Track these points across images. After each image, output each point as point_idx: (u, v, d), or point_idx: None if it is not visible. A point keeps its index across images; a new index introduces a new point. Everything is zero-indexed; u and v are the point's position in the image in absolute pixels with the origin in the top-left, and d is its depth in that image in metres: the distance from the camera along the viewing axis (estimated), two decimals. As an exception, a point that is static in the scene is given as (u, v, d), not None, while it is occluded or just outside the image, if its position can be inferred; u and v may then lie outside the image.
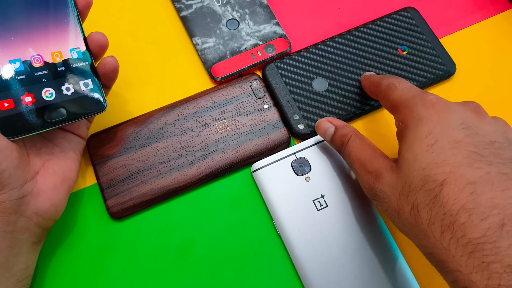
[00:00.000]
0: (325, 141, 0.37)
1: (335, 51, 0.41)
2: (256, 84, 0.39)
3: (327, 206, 0.34)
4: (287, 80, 0.40)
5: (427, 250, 0.25)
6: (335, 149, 0.34)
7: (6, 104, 0.28)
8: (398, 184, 0.27)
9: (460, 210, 0.23)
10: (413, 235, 0.26)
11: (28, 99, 0.29)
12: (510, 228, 0.22)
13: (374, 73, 0.35)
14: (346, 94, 0.39)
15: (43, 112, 0.29)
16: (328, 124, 0.34)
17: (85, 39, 0.31)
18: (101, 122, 0.38)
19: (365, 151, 0.31)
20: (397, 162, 0.28)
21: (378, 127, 0.39)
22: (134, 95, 0.40)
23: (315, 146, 0.37)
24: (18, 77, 0.29)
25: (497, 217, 0.23)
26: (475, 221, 0.23)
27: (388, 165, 0.28)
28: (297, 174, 0.36)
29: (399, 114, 0.29)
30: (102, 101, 0.31)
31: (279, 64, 0.40)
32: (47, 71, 0.30)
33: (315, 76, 0.40)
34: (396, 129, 0.31)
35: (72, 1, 0.32)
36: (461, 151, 0.25)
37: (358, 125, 0.39)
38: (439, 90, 0.41)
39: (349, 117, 0.39)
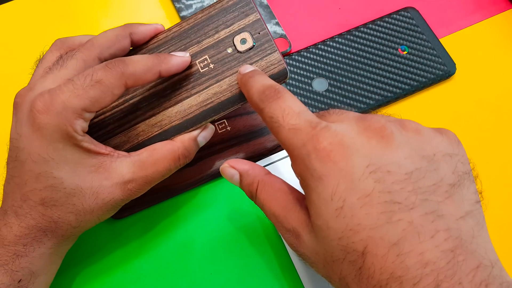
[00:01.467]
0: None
1: (335, 51, 0.41)
2: (256, 84, 0.39)
3: (327, 206, 0.34)
4: (287, 80, 0.40)
5: None
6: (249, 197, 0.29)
7: None
8: (319, 252, 0.23)
9: (389, 279, 0.20)
10: None
11: None
12: (446, 285, 0.19)
13: (251, 71, 0.28)
14: (346, 94, 0.39)
15: None
16: (231, 170, 0.29)
17: None
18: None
19: (277, 202, 0.26)
20: (311, 223, 0.23)
21: (378, 127, 0.39)
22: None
23: (315, 146, 0.37)
24: None
25: (430, 277, 0.19)
26: None
27: (304, 223, 0.24)
28: (297, 174, 0.36)
29: (294, 165, 0.24)
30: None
31: (279, 64, 0.40)
32: None
33: (315, 76, 0.40)
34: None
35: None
36: (375, 206, 0.21)
37: (358, 125, 0.39)
38: (439, 90, 0.41)
39: (349, 117, 0.39)
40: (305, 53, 0.41)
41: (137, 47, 0.32)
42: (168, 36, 0.31)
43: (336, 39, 0.41)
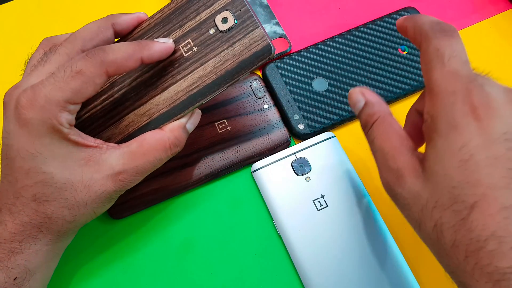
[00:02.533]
0: (325, 141, 0.37)
1: (335, 51, 0.41)
2: (256, 84, 0.39)
3: (327, 206, 0.34)
4: (287, 80, 0.40)
5: (449, 269, 0.24)
6: (361, 128, 0.29)
7: None
8: (422, 196, 0.24)
9: (490, 237, 0.21)
10: (434, 250, 0.24)
11: None
12: None
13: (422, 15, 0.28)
14: (346, 94, 0.39)
15: None
16: (359, 95, 0.29)
17: None
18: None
19: (390, 141, 0.26)
20: (423, 167, 0.24)
21: (378, 127, 0.39)
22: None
23: (315, 146, 0.37)
24: None
25: None
26: (505, 250, 0.21)
27: (413, 168, 0.25)
28: (297, 174, 0.36)
29: (431, 105, 0.24)
30: None
31: (279, 64, 0.40)
32: None
33: (315, 76, 0.40)
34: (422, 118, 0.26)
35: None
36: (499, 169, 0.22)
37: (359, 125, 0.39)
38: (439, 90, 0.41)
39: (350, 117, 0.39)
40: (305, 53, 0.41)
41: (122, 38, 0.32)
42: (151, 24, 0.31)
43: (336, 39, 0.41)
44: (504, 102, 0.23)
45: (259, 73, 0.41)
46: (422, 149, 0.26)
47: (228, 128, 0.38)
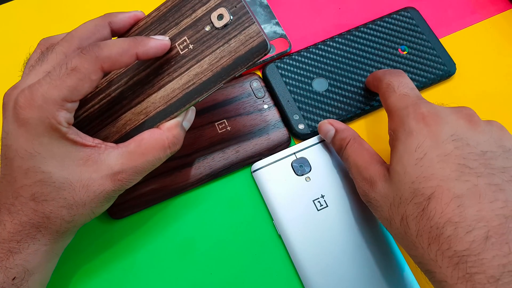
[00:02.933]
0: (325, 141, 0.37)
1: (335, 51, 0.41)
2: (256, 84, 0.39)
3: (327, 206, 0.34)
4: (287, 80, 0.40)
5: (417, 259, 0.26)
6: (335, 151, 0.35)
7: None
8: (389, 195, 0.28)
9: (446, 223, 0.24)
10: (403, 244, 0.27)
11: None
12: (494, 240, 0.23)
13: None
14: (346, 94, 0.39)
15: None
16: (328, 126, 0.35)
17: None
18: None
19: (362, 157, 0.31)
20: (389, 172, 0.28)
21: (378, 127, 0.39)
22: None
23: (315, 146, 0.37)
24: None
25: (482, 230, 0.23)
26: (461, 234, 0.24)
27: (382, 174, 0.29)
28: (297, 174, 0.36)
29: (391, 122, 0.30)
30: None
31: (279, 64, 0.40)
32: None
33: (315, 76, 0.40)
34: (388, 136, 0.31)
35: None
36: (450, 164, 0.26)
37: (359, 125, 0.39)
38: (439, 90, 0.41)
39: (349, 117, 0.39)
40: (305, 53, 0.41)
41: (119, 37, 0.32)
42: (147, 22, 0.31)
43: (336, 39, 0.41)
44: (449, 112, 0.28)
45: (259, 73, 0.41)
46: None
47: (228, 128, 0.38)
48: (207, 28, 0.29)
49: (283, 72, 0.40)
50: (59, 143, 0.27)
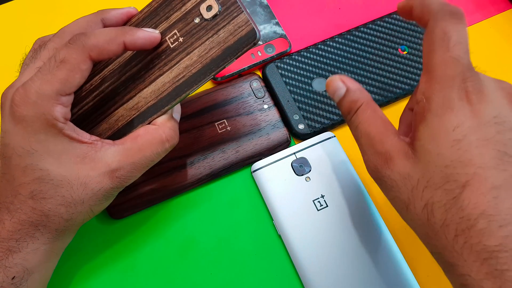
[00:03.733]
0: (325, 141, 0.37)
1: (335, 51, 0.41)
2: (256, 84, 0.39)
3: (327, 206, 0.34)
4: (287, 80, 0.40)
5: (436, 249, 0.24)
6: (342, 114, 0.30)
7: None
8: (413, 176, 0.24)
9: (480, 215, 0.22)
10: (421, 232, 0.25)
11: None
12: None
13: None
14: (346, 94, 0.39)
15: None
16: (339, 83, 0.29)
17: None
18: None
19: (376, 126, 0.27)
20: (413, 148, 0.25)
21: (378, 127, 0.39)
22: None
23: (315, 146, 0.37)
24: None
25: None
26: (493, 228, 0.22)
27: (402, 150, 0.25)
28: (297, 174, 0.36)
29: (428, 85, 0.25)
30: None
31: (279, 64, 0.40)
32: None
33: (315, 76, 0.40)
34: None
35: None
36: (489, 150, 0.23)
37: (358, 125, 0.39)
38: (439, 90, 0.41)
39: (349, 117, 0.39)
40: (305, 53, 0.41)
41: None
42: (139, 18, 0.31)
43: (336, 39, 0.41)
44: (494, 89, 0.25)
45: (259, 73, 0.41)
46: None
47: (228, 128, 0.38)
48: (197, 20, 0.29)
49: (283, 72, 0.40)
50: (55, 139, 0.27)
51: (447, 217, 0.23)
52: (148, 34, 0.29)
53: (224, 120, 0.38)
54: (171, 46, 0.30)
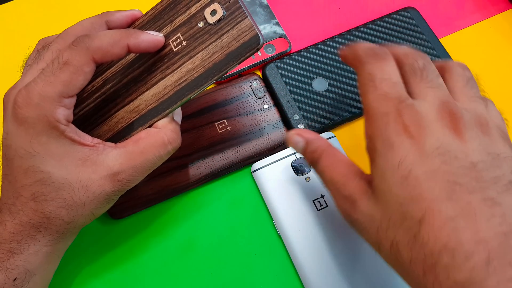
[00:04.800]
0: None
1: (335, 51, 0.41)
2: (256, 84, 0.39)
3: (327, 206, 0.34)
4: (287, 80, 0.40)
5: (413, 286, 0.24)
6: (308, 164, 0.31)
7: None
8: (375, 217, 0.24)
9: (442, 250, 0.21)
10: (396, 269, 0.24)
11: None
12: (496, 263, 0.21)
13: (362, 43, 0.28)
14: (346, 94, 0.39)
15: None
16: (297, 138, 0.30)
17: None
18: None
19: (337, 170, 0.27)
20: (371, 188, 0.25)
21: (378, 127, 0.39)
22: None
23: (315, 146, 0.37)
24: None
25: (482, 254, 0.21)
26: (459, 262, 0.21)
27: (363, 191, 0.25)
28: (297, 174, 0.36)
29: (368, 126, 0.26)
30: None
31: (279, 64, 0.40)
32: None
33: (315, 76, 0.40)
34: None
35: None
36: (438, 182, 0.23)
37: (359, 125, 0.39)
38: (439, 90, 0.41)
39: (349, 117, 0.39)
40: (305, 53, 0.41)
41: None
42: (144, 21, 0.31)
43: (336, 39, 0.41)
44: (434, 120, 0.24)
45: (259, 73, 0.41)
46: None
47: (228, 128, 0.38)
48: (201, 24, 0.29)
49: (283, 72, 0.40)
50: (57, 142, 0.27)
51: (412, 255, 0.22)
52: (152, 37, 0.29)
53: (224, 120, 0.38)
54: (174, 50, 0.30)
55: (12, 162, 0.27)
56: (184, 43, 0.29)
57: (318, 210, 0.34)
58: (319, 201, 0.35)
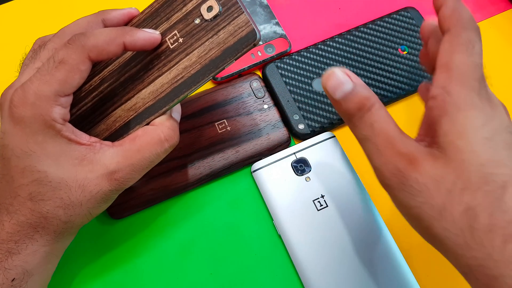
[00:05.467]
0: (325, 141, 0.37)
1: (335, 51, 0.41)
2: (256, 84, 0.39)
3: (327, 206, 0.34)
4: (287, 80, 0.40)
5: (476, 261, 0.21)
6: (344, 113, 0.26)
7: None
8: (446, 178, 0.22)
9: None
10: (457, 242, 0.22)
11: None
12: None
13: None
14: (346, 94, 0.39)
15: None
16: (344, 77, 0.25)
17: None
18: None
19: (392, 126, 0.24)
20: (439, 146, 0.23)
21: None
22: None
23: (315, 146, 0.37)
24: None
25: None
26: None
27: (426, 151, 0.23)
28: (297, 174, 0.36)
29: (449, 81, 0.23)
30: None
31: (279, 64, 0.40)
32: None
33: (315, 76, 0.40)
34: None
35: None
36: None
37: (358, 125, 0.39)
38: (439, 90, 0.41)
39: (349, 117, 0.39)
40: (305, 53, 0.41)
41: None
42: (141, 19, 0.31)
43: (336, 39, 0.41)
44: (498, 103, 0.24)
45: (259, 73, 0.41)
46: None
47: (228, 128, 0.38)
48: (197, 21, 0.29)
49: (283, 72, 0.40)
50: (53, 141, 0.27)
51: (491, 221, 0.21)
52: (149, 35, 0.29)
53: (224, 120, 0.38)
54: (171, 47, 0.30)
55: (9, 162, 0.27)
56: (180, 40, 0.29)
57: (318, 210, 0.34)
58: (319, 201, 0.35)
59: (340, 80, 0.25)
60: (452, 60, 0.23)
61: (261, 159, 0.37)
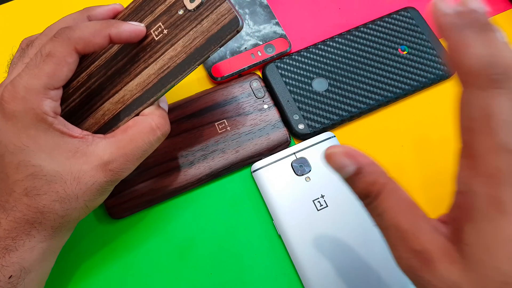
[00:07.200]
0: (325, 141, 0.37)
1: (335, 51, 0.41)
2: (256, 84, 0.39)
3: (327, 206, 0.34)
4: (287, 80, 0.40)
5: None
6: (355, 194, 0.24)
7: None
8: (462, 286, 0.20)
9: None
10: None
11: None
12: None
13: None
14: (346, 94, 0.39)
15: None
16: (344, 160, 0.23)
17: None
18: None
19: (405, 215, 0.22)
20: (461, 252, 0.20)
21: (379, 128, 0.39)
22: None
23: (315, 146, 0.37)
24: None
25: None
26: None
27: (444, 250, 0.21)
28: (297, 174, 0.36)
29: (471, 175, 0.20)
30: None
31: (279, 64, 0.40)
32: None
33: (315, 76, 0.40)
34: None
35: None
36: None
37: (359, 125, 0.39)
38: (439, 90, 0.41)
39: (350, 117, 0.39)
40: (305, 53, 0.41)
41: None
42: (125, 14, 0.31)
43: (336, 39, 0.41)
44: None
45: (259, 73, 0.41)
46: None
47: (228, 128, 0.38)
48: (181, 12, 0.30)
49: (283, 72, 0.40)
50: (46, 134, 0.27)
51: None
52: (134, 27, 0.29)
53: (224, 120, 0.38)
54: (156, 39, 0.30)
55: (3, 158, 0.27)
56: (165, 31, 0.30)
57: (318, 210, 0.34)
58: (319, 201, 0.35)
59: (340, 164, 0.23)
60: (472, 144, 0.20)
61: (261, 159, 0.37)
